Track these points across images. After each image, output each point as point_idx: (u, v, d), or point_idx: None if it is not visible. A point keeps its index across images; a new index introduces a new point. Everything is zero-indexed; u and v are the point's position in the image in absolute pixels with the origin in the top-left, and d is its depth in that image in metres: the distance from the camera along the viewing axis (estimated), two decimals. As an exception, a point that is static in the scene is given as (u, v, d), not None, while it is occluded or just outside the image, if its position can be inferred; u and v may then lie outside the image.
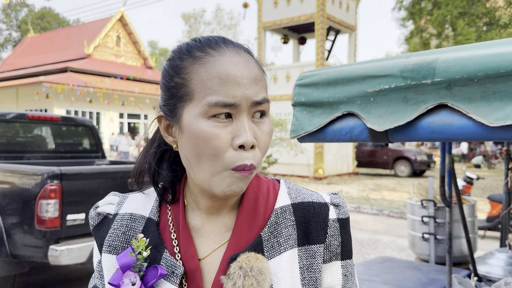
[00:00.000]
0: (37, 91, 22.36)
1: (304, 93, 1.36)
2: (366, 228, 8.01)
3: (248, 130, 0.65)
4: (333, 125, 1.29)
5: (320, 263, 0.72)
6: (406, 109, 1.15)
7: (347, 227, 0.77)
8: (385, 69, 1.20)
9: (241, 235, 0.71)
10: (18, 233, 3.85)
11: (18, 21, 58.02)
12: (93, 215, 0.81)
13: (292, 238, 0.72)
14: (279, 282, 0.69)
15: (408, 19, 18.20)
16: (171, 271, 0.70)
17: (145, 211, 0.77)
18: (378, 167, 17.92)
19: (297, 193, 0.77)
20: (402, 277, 2.26)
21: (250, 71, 0.68)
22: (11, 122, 5.08)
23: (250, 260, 0.67)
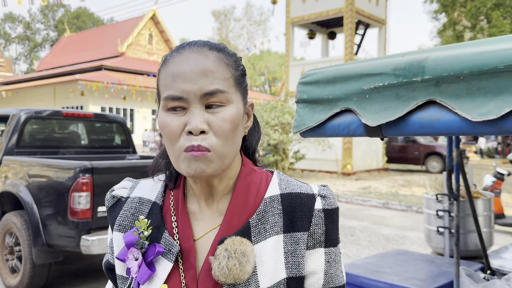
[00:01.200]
0: (73, 88, 23.13)
1: (307, 90, 1.44)
2: (393, 224, 7.97)
3: (197, 118, 0.73)
4: (332, 121, 1.37)
5: (304, 249, 0.78)
6: (398, 105, 1.21)
7: (333, 217, 0.82)
8: (379, 67, 1.27)
9: (232, 220, 0.78)
10: (53, 223, 4.07)
11: (55, 21, 59.90)
12: (108, 198, 0.91)
13: (278, 225, 0.78)
14: (263, 264, 0.76)
15: (440, 12, 17.78)
16: (168, 249, 0.78)
17: (152, 195, 0.87)
18: (409, 163, 17.65)
19: (287, 184, 0.84)
20: (414, 269, 2.30)
21: (200, 65, 0.75)
22: (47, 119, 5.35)
23: (235, 243, 0.74)
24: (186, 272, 0.78)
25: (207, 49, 0.78)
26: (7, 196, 4.63)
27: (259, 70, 54.76)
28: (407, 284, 2.06)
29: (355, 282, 2.20)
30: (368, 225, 7.76)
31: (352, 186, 12.41)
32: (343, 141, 14.99)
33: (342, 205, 9.89)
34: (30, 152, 5.08)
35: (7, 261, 4.51)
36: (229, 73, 0.78)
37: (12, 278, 4.41)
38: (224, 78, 0.76)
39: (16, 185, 4.44)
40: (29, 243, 4.17)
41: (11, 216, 4.44)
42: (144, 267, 0.78)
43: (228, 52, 0.81)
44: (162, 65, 0.80)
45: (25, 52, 61.21)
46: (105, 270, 0.92)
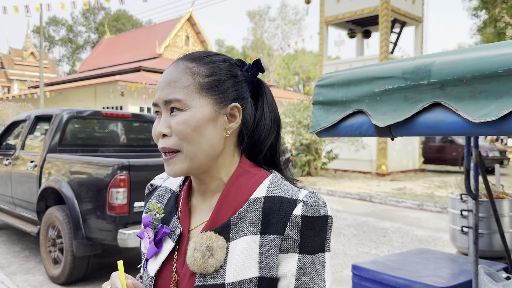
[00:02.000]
0: (113, 89, 23.86)
1: (322, 92, 1.53)
2: (427, 225, 7.86)
3: (160, 123, 0.86)
4: (345, 122, 1.45)
5: (276, 251, 0.80)
6: (406, 107, 1.29)
7: (313, 224, 0.81)
8: (389, 71, 1.35)
9: (218, 217, 0.86)
10: (92, 218, 4.31)
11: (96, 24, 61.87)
12: (148, 186, 1.06)
13: (254, 226, 0.82)
14: (231, 260, 0.81)
15: (480, 8, 17.25)
16: (173, 231, 0.90)
17: (174, 186, 1.00)
18: (446, 164, 17.23)
19: (276, 187, 0.86)
20: (434, 267, 2.33)
21: (167, 76, 0.87)
22: (87, 118, 5.63)
23: (203, 238, 0.82)
24: (178, 257, 0.88)
25: (184, 60, 0.89)
26: (50, 191, 4.91)
27: (294, 70, 54.64)
28: (426, 281, 2.11)
29: (375, 278, 2.26)
30: (402, 226, 7.69)
31: (387, 187, 12.26)
32: (377, 141, 14.81)
33: (375, 206, 9.82)
34: (72, 150, 5.36)
35: (50, 253, 4.78)
36: (190, 81, 0.85)
37: (55, 268, 4.68)
38: (183, 86, 0.84)
39: (59, 181, 4.70)
40: (70, 236, 4.42)
41: (53, 210, 4.71)
42: (152, 245, 0.90)
43: (206, 61, 0.89)
44: None
45: (67, 54, 63.58)
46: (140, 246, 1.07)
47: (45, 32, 59.35)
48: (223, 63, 0.90)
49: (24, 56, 49.11)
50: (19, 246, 6.04)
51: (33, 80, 46.87)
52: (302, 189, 0.87)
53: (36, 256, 5.56)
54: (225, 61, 0.92)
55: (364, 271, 2.30)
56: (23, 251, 5.77)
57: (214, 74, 0.88)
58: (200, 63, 0.88)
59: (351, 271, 2.44)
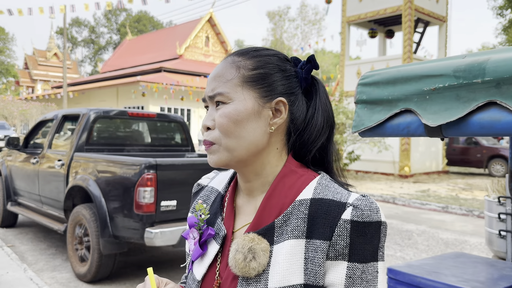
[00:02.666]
0: (134, 89, 24.13)
1: (366, 91, 1.50)
2: (453, 228, 7.71)
3: (206, 117, 0.87)
4: (391, 121, 1.41)
5: (322, 258, 0.76)
6: (458, 106, 1.24)
7: (364, 231, 0.76)
8: (440, 69, 1.30)
9: (262, 218, 0.83)
10: (119, 216, 4.34)
11: (118, 25, 62.74)
12: (195, 185, 1.06)
13: (299, 230, 0.78)
14: (275, 265, 0.78)
15: (506, 8, 16.88)
16: (217, 233, 0.88)
17: (220, 186, 0.98)
18: (470, 166, 16.90)
19: (323, 189, 0.82)
20: (473, 272, 2.27)
21: (215, 71, 0.88)
22: (114, 118, 5.69)
23: (245, 240, 0.79)
24: (222, 259, 0.86)
25: (232, 55, 0.89)
26: (77, 190, 4.97)
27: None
28: (465, 286, 2.05)
29: (412, 282, 2.20)
30: (426, 229, 7.55)
31: (410, 189, 12.09)
32: (400, 142, 14.61)
33: (399, 208, 9.68)
34: (98, 149, 5.42)
35: (77, 251, 4.84)
36: (234, 74, 0.85)
37: (81, 266, 4.73)
38: (227, 80, 0.85)
39: (86, 179, 4.75)
40: (97, 234, 4.46)
41: (81, 208, 4.76)
42: (197, 246, 0.88)
43: (253, 55, 0.88)
44: None
45: (90, 54, 64.62)
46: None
47: (68, 33, 60.47)
48: (271, 57, 0.88)
49: (48, 57, 50.11)
50: (46, 243, 6.13)
51: (56, 80, 47.79)
52: (353, 192, 0.83)
53: (62, 253, 5.64)
54: (275, 55, 0.90)
55: (400, 274, 2.25)
56: (49, 249, 5.85)
57: (260, 67, 0.86)
58: (247, 57, 0.87)
59: (386, 275, 2.40)
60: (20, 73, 50.36)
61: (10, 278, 4.43)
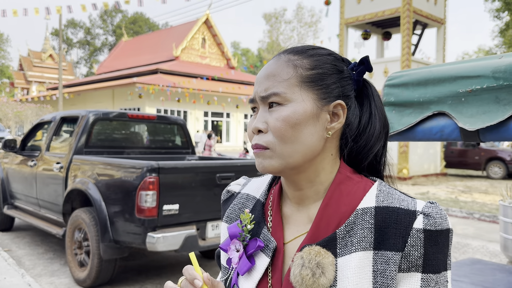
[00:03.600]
0: (130, 91, 24.02)
1: (394, 93, 1.42)
2: (455, 231, 7.66)
3: (257, 119, 0.80)
4: (423, 125, 1.34)
5: (394, 270, 0.72)
6: (498, 109, 1.17)
7: (437, 239, 0.73)
8: (476, 69, 1.23)
9: (319, 229, 0.77)
10: (120, 220, 4.24)
11: (114, 26, 62.55)
12: (224, 192, 0.98)
13: (366, 241, 0.74)
14: (343, 279, 0.73)
15: (503, 10, 16.93)
16: (266, 244, 0.81)
17: (257, 193, 0.90)
18: (468, 168, 16.90)
19: (387, 196, 0.77)
20: (493, 279, 2.20)
21: (267, 70, 0.81)
22: (113, 120, 5.59)
23: (311, 253, 0.73)
24: (273, 273, 0.79)
25: (286, 53, 0.83)
26: (76, 193, 4.87)
27: (310, 72, 54.25)
28: (489, 295, 1.98)
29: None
30: (427, 232, 7.50)
31: (409, 191, 12.04)
32: (398, 144, 14.59)
33: (398, 210, 9.63)
34: (98, 152, 5.33)
35: (76, 255, 4.74)
36: (291, 73, 0.79)
37: (80, 271, 4.63)
38: (283, 80, 0.78)
39: (85, 183, 4.66)
40: (97, 239, 4.36)
41: (80, 212, 4.66)
42: (244, 259, 0.81)
43: (310, 54, 0.82)
44: None
45: (85, 56, 64.37)
46: (216, 259, 0.98)
47: (63, 35, 60.20)
48: (328, 57, 0.83)
49: (43, 58, 49.85)
50: (43, 247, 6.02)
51: (51, 82, 47.55)
52: (416, 199, 0.78)
53: (60, 258, 5.53)
54: (331, 54, 0.83)
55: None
56: (47, 253, 5.75)
57: (318, 67, 0.80)
58: (304, 56, 0.81)
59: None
60: (15, 75, 50.06)
61: (7, 283, 4.32)
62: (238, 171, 4.68)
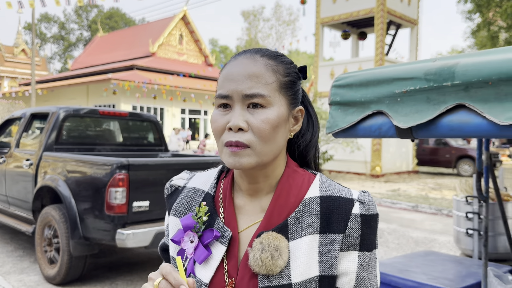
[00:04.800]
0: (105, 87, 23.69)
1: (339, 93, 1.51)
2: (423, 227, 7.89)
3: (237, 116, 0.82)
4: (364, 123, 1.43)
5: (337, 250, 0.82)
6: (428, 109, 1.27)
7: (370, 223, 0.85)
8: (411, 72, 1.33)
9: (272, 217, 0.85)
10: (90, 217, 4.25)
11: (89, 21, 61.45)
12: (167, 186, 1.01)
13: (314, 226, 0.83)
14: (296, 260, 0.82)
15: (475, 12, 17.38)
16: (222, 234, 0.87)
17: (205, 186, 0.96)
18: (440, 166, 17.35)
19: (328, 187, 0.88)
20: (442, 269, 2.33)
21: (247, 69, 0.83)
22: (84, 117, 5.57)
23: (269, 238, 0.81)
24: (229, 260, 0.86)
25: (259, 55, 0.86)
26: (46, 190, 4.85)
27: (288, 70, 54.48)
28: (435, 283, 2.10)
29: (383, 280, 2.24)
30: (397, 228, 7.71)
31: (381, 188, 12.31)
32: (372, 142, 14.87)
33: (370, 207, 9.84)
34: (68, 149, 5.30)
35: (46, 253, 4.72)
36: (273, 78, 0.84)
37: (50, 268, 4.62)
38: (267, 83, 0.83)
39: (55, 180, 4.64)
40: (67, 236, 4.36)
41: (50, 209, 4.64)
42: (201, 248, 0.86)
43: (281, 60, 0.88)
44: (221, 71, 0.89)
45: (59, 51, 63.09)
46: (160, 252, 1.02)
47: (36, 29, 58.82)
48: (292, 65, 0.91)
49: (15, 53, 48.64)
50: (13, 245, 5.95)
51: (24, 77, 46.45)
52: (350, 189, 0.90)
53: (30, 255, 5.49)
54: (292, 63, 0.92)
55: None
56: (16, 251, 5.69)
57: (290, 74, 0.89)
58: (278, 62, 0.88)
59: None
60: (-15, 70, 48.72)
61: (-26, 281, 4.28)
62: (210, 168, 4.73)
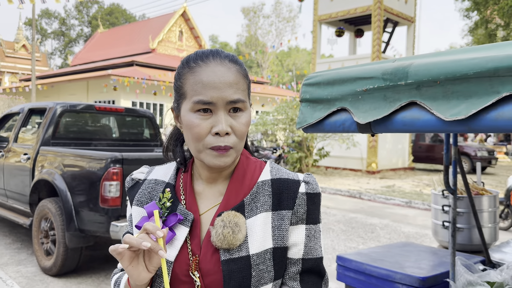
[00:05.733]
0: (105, 83, 23.78)
1: (309, 91, 1.62)
2: (415, 222, 8.01)
3: (223, 122, 0.91)
4: (330, 118, 1.55)
5: (288, 224, 0.95)
6: (385, 106, 1.38)
7: (314, 200, 0.98)
8: (371, 71, 1.44)
9: (230, 199, 0.97)
10: (85, 210, 4.37)
11: (89, 17, 61.40)
12: (128, 180, 1.11)
13: (267, 204, 0.96)
14: (253, 234, 0.93)
15: (472, 10, 17.44)
16: (185, 217, 0.97)
17: (165, 177, 1.06)
18: (436, 163, 17.45)
19: (278, 171, 1.01)
20: (415, 259, 2.44)
21: (226, 78, 0.92)
22: (81, 112, 5.68)
23: (230, 216, 0.93)
24: (192, 240, 0.96)
25: (227, 61, 0.95)
26: (43, 183, 4.96)
27: (287, 67, 54.71)
28: (405, 271, 2.21)
29: (358, 268, 2.36)
30: (389, 223, 7.83)
31: (376, 185, 12.42)
32: (368, 139, 14.97)
33: (364, 203, 9.96)
34: (65, 143, 5.41)
35: (43, 244, 4.84)
36: (246, 84, 0.97)
37: (47, 260, 4.74)
38: (243, 89, 0.95)
39: (52, 173, 4.75)
40: (63, 228, 4.48)
41: (46, 202, 4.76)
42: (169, 231, 0.96)
43: (242, 64, 0.98)
44: (187, 69, 0.95)
45: (60, 47, 63.07)
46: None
47: (37, 25, 58.81)
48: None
49: (16, 49, 48.66)
50: (11, 238, 6.08)
51: (24, 73, 46.48)
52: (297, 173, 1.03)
53: (27, 248, 5.61)
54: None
55: (348, 261, 2.41)
56: (14, 243, 5.81)
57: (248, 76, 1.00)
58: (242, 67, 0.99)
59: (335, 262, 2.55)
60: (-14, 65, 48.76)
61: (-28, 272, 4.40)
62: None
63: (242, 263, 0.92)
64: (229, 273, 0.91)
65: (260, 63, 47.16)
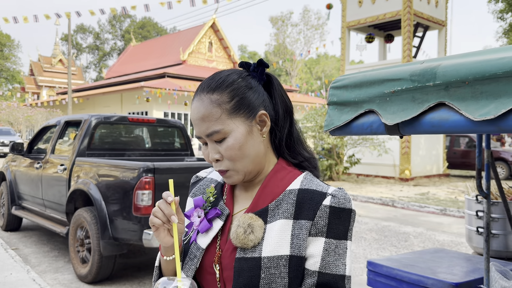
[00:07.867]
0: (138, 95, 24.35)
1: (336, 94, 1.63)
2: (450, 230, 7.79)
3: (211, 151, 1.02)
4: (357, 121, 1.55)
5: (306, 234, 0.96)
6: (413, 107, 1.37)
7: (340, 214, 0.96)
8: (399, 73, 1.43)
9: (257, 204, 1.03)
10: (119, 218, 4.47)
11: (122, 31, 63.15)
12: (193, 177, 1.25)
13: (288, 212, 0.98)
14: (268, 238, 0.97)
15: (506, 11, 16.95)
16: (222, 212, 1.07)
17: (219, 178, 1.17)
18: (471, 169, 16.91)
19: (309, 182, 1.02)
20: (448, 265, 2.37)
21: (198, 113, 1.00)
22: (114, 123, 5.83)
23: (246, 217, 0.99)
24: (222, 235, 1.05)
25: (204, 93, 1.01)
26: (79, 193, 5.11)
27: (316, 74, 54.52)
28: (438, 277, 2.16)
29: (389, 274, 2.32)
30: (423, 231, 7.64)
31: (410, 192, 12.16)
32: (400, 146, 14.70)
33: (397, 211, 9.76)
34: (99, 154, 5.57)
35: (78, 252, 4.97)
36: (219, 112, 0.99)
37: (82, 268, 4.86)
38: (216, 119, 0.98)
39: (87, 183, 4.89)
40: (98, 236, 4.59)
41: (82, 211, 4.89)
42: (205, 221, 1.06)
43: (223, 88, 1.00)
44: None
45: (94, 60, 65.10)
46: None
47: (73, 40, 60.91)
48: (238, 81, 1.03)
49: (53, 63, 50.54)
50: (49, 246, 6.27)
51: (61, 86, 48.16)
52: (332, 186, 1.03)
53: (64, 256, 5.77)
54: (237, 74, 1.04)
55: (379, 267, 2.37)
56: (52, 251, 5.99)
57: (235, 95, 1.01)
58: (220, 91, 1.01)
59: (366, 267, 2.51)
60: (25, 80, 50.82)
61: (13, 279, 4.56)
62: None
63: (253, 263, 0.95)
64: (238, 270, 0.96)
65: (289, 71, 47.21)
